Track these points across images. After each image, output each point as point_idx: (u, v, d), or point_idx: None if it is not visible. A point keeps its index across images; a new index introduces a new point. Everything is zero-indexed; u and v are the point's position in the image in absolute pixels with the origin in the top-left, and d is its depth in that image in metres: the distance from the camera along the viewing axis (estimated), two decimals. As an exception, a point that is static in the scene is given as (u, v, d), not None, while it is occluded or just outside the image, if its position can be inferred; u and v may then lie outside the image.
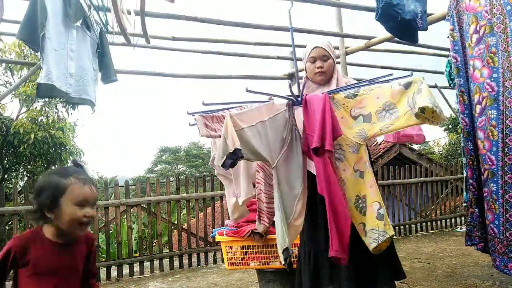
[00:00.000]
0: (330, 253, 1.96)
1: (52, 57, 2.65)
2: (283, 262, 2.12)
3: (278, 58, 5.08)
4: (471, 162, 2.71)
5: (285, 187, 2.13)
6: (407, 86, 1.88)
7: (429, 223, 6.97)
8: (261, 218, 2.39)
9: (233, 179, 2.53)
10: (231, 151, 1.88)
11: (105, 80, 3.16)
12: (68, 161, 9.66)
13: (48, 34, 2.60)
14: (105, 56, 3.11)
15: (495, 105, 2.46)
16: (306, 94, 2.20)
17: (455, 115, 9.83)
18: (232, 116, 1.95)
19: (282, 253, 2.09)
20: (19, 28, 2.56)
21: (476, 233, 2.76)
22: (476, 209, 2.73)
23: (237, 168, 2.38)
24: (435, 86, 6.45)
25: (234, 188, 2.57)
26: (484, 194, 2.58)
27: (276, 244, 2.78)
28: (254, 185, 2.47)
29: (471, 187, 2.74)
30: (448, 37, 2.74)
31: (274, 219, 2.22)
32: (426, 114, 1.77)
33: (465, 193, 3.50)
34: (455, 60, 2.70)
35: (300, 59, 5.31)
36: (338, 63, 4.78)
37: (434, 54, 5.15)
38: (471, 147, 2.69)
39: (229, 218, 3.33)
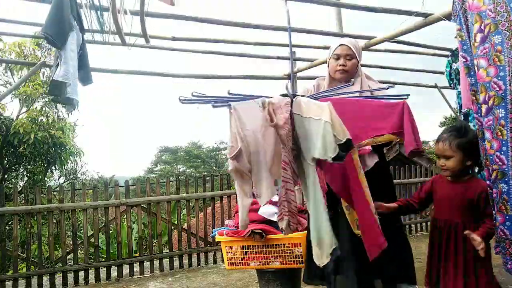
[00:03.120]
0: (374, 250, 2.03)
1: (69, 57, 2.69)
2: (325, 263, 2.00)
3: (278, 58, 5.08)
4: (488, 163, 2.57)
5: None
6: None
7: (429, 223, 6.96)
8: (292, 220, 2.12)
9: (254, 176, 2.21)
10: (342, 142, 1.78)
11: (85, 82, 3.16)
12: (68, 161, 9.67)
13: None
14: (86, 57, 3.12)
15: (503, 104, 2.42)
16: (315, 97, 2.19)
17: (455, 115, 9.82)
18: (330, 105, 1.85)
19: (331, 254, 1.98)
20: (46, 23, 2.60)
21: (494, 236, 2.70)
22: (493, 211, 2.67)
23: (258, 163, 2.15)
24: (435, 86, 6.45)
25: (251, 187, 2.25)
26: (493, 195, 2.49)
27: (276, 244, 2.78)
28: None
29: (488, 188, 2.69)
30: (456, 37, 2.72)
31: (311, 219, 2.12)
32: None
33: None
34: (464, 60, 2.67)
35: (298, 60, 5.36)
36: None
37: (434, 54, 5.15)
38: (486, 148, 2.60)
39: (229, 218, 3.31)
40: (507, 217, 2.44)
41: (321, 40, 4.58)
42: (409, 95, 2.31)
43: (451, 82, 3.82)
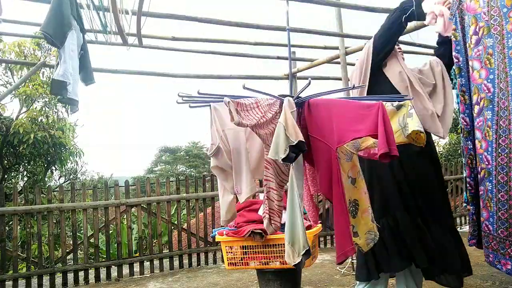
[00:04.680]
0: (340, 258, 2.01)
1: (68, 56, 2.72)
2: (296, 262, 2.02)
3: (278, 58, 5.08)
4: (469, 161, 2.77)
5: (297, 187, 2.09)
6: (398, 107, 2.09)
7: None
8: (273, 218, 2.19)
9: (234, 173, 2.31)
10: (293, 144, 1.80)
11: (87, 82, 3.17)
12: (68, 161, 9.67)
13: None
14: (87, 57, 3.13)
15: (491, 106, 2.53)
16: (309, 99, 2.19)
17: (455, 115, 9.84)
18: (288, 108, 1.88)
19: (303, 254, 2.01)
20: (45, 22, 2.62)
21: (470, 229, 2.85)
22: (472, 207, 2.81)
23: (240, 161, 2.22)
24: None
25: (232, 184, 2.35)
26: (480, 193, 2.66)
27: (276, 244, 2.78)
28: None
29: (468, 186, 2.82)
30: (451, 37, 2.75)
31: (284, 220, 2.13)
32: (412, 135, 2.06)
33: (465, 193, 3.54)
34: (457, 60, 2.72)
35: (298, 60, 5.35)
36: (338, 63, 4.79)
37: (434, 54, 5.15)
38: (471, 147, 2.74)
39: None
40: (490, 213, 2.58)
41: (321, 40, 4.60)
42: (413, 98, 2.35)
43: (450, 82, 3.82)
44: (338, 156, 2.10)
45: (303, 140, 1.82)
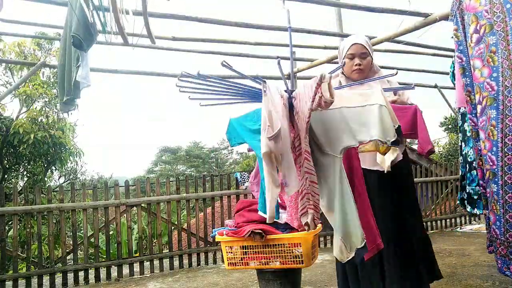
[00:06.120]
0: (373, 251, 2.03)
1: (89, 60, 2.84)
2: (349, 258, 1.99)
3: (278, 58, 5.08)
4: (481, 162, 2.65)
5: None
6: None
7: (429, 223, 6.96)
8: (316, 215, 2.01)
9: (284, 165, 2.04)
10: (396, 128, 1.79)
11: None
12: (68, 161, 9.67)
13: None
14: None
15: (495, 104, 2.44)
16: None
17: (455, 115, 9.84)
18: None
19: (361, 248, 1.95)
20: (76, 26, 2.76)
21: (488, 235, 2.69)
22: (487, 211, 2.67)
23: (287, 149, 2.00)
24: (435, 86, 6.46)
25: (279, 175, 2.09)
26: (487, 195, 2.55)
27: (276, 244, 2.78)
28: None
29: (481, 188, 2.68)
30: (453, 37, 2.72)
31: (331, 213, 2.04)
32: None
33: (459, 193, 3.47)
34: (460, 60, 2.67)
35: (298, 60, 5.36)
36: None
37: (434, 54, 5.16)
38: (480, 148, 2.62)
39: (229, 218, 3.30)
40: (497, 216, 2.48)
41: (321, 40, 4.60)
42: (413, 87, 2.31)
43: (455, 83, 3.80)
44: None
45: (399, 124, 1.85)
